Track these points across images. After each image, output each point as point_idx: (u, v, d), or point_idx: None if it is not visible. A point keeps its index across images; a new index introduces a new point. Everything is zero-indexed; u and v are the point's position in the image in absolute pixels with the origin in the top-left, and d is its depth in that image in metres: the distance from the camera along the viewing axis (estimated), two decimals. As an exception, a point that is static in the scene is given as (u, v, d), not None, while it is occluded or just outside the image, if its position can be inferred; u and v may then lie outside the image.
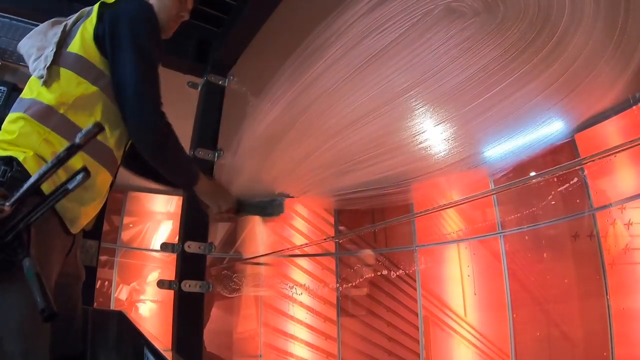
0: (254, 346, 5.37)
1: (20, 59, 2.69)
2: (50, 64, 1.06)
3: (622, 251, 3.26)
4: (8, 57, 2.53)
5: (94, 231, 1.45)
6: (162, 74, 1.20)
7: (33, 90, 1.07)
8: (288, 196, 1.49)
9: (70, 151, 0.79)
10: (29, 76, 1.12)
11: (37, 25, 1.18)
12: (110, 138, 1.11)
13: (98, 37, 1.07)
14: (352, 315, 5.33)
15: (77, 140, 0.78)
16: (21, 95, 1.09)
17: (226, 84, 2.32)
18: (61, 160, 0.79)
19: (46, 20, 1.18)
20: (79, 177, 0.83)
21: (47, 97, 1.04)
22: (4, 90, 1.84)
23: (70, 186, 0.83)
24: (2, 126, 1.04)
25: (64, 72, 1.06)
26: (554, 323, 3.68)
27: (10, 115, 1.05)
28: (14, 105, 1.07)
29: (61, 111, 1.03)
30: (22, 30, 2.46)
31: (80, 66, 1.07)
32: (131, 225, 5.62)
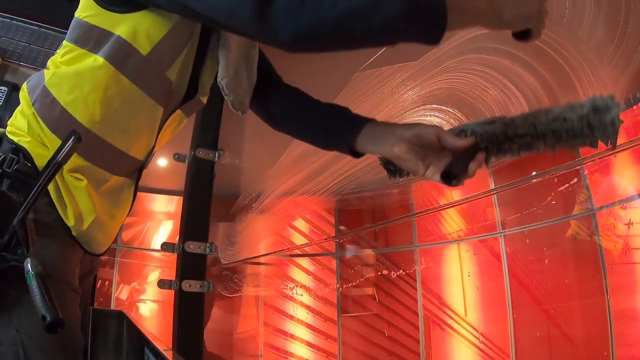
0: (254, 346, 5.37)
1: (20, 58, 2.69)
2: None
3: (621, 251, 3.26)
4: (8, 57, 2.53)
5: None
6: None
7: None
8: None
9: (54, 170, 0.72)
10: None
11: (37, 25, 1.18)
12: (124, 137, 0.86)
13: None
14: (353, 314, 5.34)
15: (59, 158, 0.71)
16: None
17: (226, 84, 2.31)
18: (47, 181, 0.73)
19: (46, 20, 1.18)
20: (69, 143, 0.72)
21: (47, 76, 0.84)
22: (4, 90, 1.83)
23: (60, 158, 0.73)
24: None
25: (64, 45, 0.83)
26: (554, 323, 3.68)
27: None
28: None
29: (52, 91, 0.82)
30: (22, 30, 2.46)
31: (79, 31, 0.81)
32: (131, 225, 5.63)
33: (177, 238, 2.09)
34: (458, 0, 0.60)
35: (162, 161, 4.92)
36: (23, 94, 0.87)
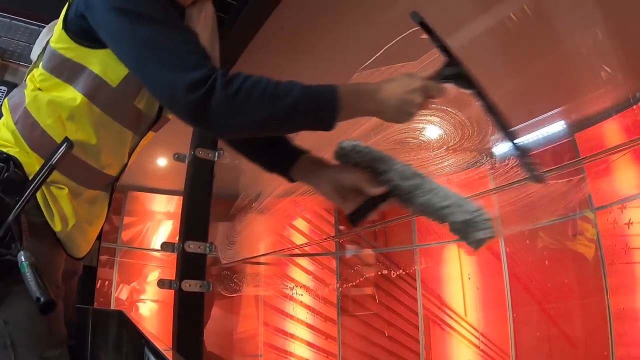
0: (254, 346, 5.37)
1: (20, 58, 2.69)
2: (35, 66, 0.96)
3: (620, 250, 3.26)
4: (8, 57, 2.53)
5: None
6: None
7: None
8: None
9: (48, 171, 0.81)
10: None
11: (37, 25, 1.19)
12: (98, 158, 0.95)
13: (67, 20, 0.87)
14: (353, 314, 5.34)
15: (53, 161, 0.81)
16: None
17: (226, 84, 2.30)
18: (42, 181, 0.81)
19: (46, 20, 1.18)
20: (63, 148, 0.81)
21: (28, 93, 0.92)
22: (4, 90, 1.84)
23: (54, 162, 0.81)
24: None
25: (41, 73, 0.91)
26: (555, 323, 3.68)
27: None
28: None
29: (33, 114, 0.90)
30: (22, 30, 2.46)
31: (54, 62, 0.89)
32: (131, 225, 5.62)
33: (177, 238, 2.09)
34: (350, 105, 0.78)
35: (161, 161, 4.92)
36: (5, 110, 0.95)
